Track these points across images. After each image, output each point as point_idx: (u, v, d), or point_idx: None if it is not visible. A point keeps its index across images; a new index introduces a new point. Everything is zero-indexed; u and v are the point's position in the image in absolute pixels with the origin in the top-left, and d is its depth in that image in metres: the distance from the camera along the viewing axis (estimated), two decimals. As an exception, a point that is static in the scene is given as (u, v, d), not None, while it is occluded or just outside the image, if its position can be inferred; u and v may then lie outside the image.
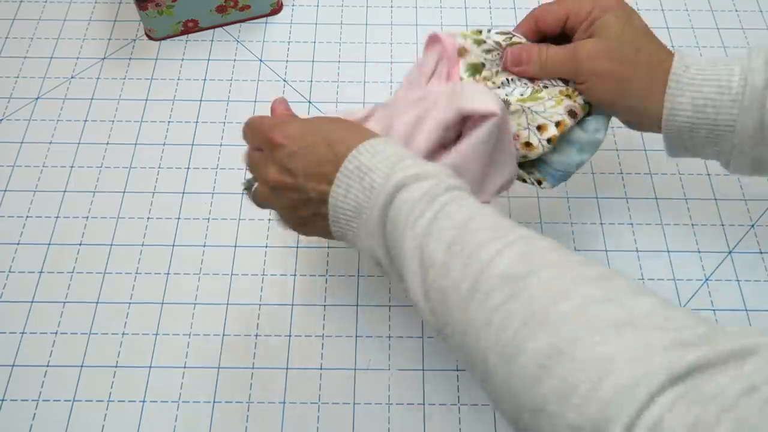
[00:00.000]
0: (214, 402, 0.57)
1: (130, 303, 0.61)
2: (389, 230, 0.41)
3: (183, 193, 0.68)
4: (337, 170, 0.43)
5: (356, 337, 0.60)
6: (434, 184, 0.40)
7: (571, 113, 0.50)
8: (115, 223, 0.66)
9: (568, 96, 0.50)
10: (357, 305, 0.61)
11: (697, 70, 0.47)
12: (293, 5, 0.81)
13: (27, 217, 0.66)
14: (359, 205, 0.42)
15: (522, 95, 0.51)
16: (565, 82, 0.51)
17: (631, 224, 0.66)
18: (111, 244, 0.64)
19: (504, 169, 0.50)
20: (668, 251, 0.64)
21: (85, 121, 0.72)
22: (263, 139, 0.47)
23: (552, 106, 0.50)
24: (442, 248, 0.38)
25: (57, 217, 0.66)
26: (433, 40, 0.56)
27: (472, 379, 0.58)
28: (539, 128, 0.50)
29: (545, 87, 0.51)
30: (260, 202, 0.50)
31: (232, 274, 0.63)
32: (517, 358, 0.33)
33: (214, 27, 0.79)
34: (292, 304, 0.61)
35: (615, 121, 0.54)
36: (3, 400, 0.57)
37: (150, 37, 0.78)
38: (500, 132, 0.48)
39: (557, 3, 0.52)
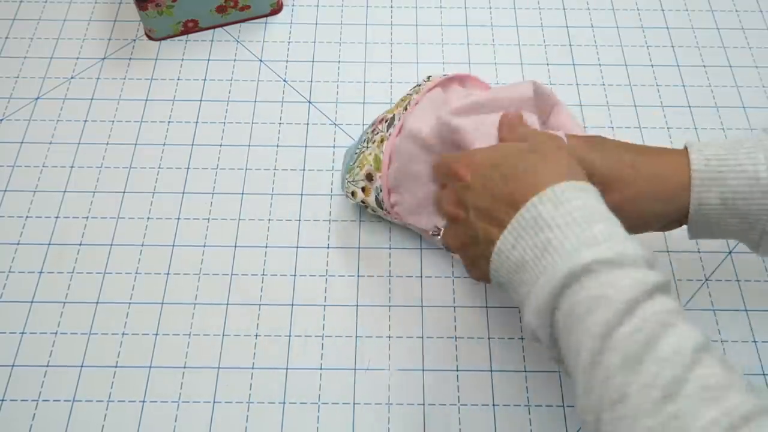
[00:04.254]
0: (214, 402, 0.57)
1: (130, 303, 0.61)
2: (562, 320, 0.36)
3: (183, 193, 0.68)
4: (512, 214, 0.38)
5: (356, 337, 0.60)
6: (635, 282, 0.34)
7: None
8: (115, 223, 0.66)
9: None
10: (357, 305, 0.61)
11: (718, 161, 0.44)
12: (293, 5, 0.81)
13: (27, 217, 0.66)
14: (525, 262, 0.38)
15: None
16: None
17: (631, 224, 0.66)
18: (111, 244, 0.64)
19: None
20: (668, 251, 0.64)
21: (85, 121, 0.72)
22: (448, 171, 0.45)
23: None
24: (639, 391, 0.32)
25: (57, 217, 0.66)
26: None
27: (472, 379, 0.58)
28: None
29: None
30: (444, 239, 0.47)
31: (232, 274, 0.63)
32: None
33: (214, 27, 0.79)
34: (292, 304, 0.61)
35: (614, 121, 0.54)
36: (3, 400, 0.57)
37: (150, 37, 0.78)
38: None
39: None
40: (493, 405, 0.57)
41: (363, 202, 0.61)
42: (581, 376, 0.34)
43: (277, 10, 0.81)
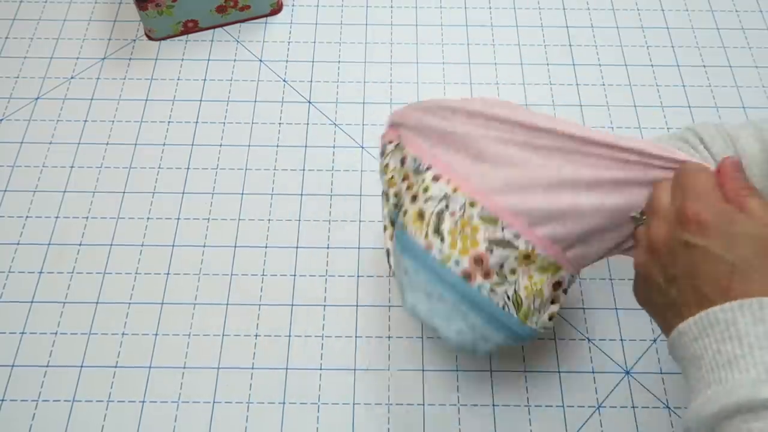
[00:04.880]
0: (214, 402, 0.57)
1: (130, 303, 0.61)
2: None
3: (183, 193, 0.68)
4: (716, 304, 0.36)
5: (356, 337, 0.60)
6: None
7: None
8: (115, 223, 0.66)
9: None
10: (357, 305, 0.61)
11: None
12: (293, 5, 0.81)
13: (27, 217, 0.66)
14: (701, 360, 0.36)
15: None
16: None
17: (631, 224, 0.66)
18: (111, 244, 0.64)
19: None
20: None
21: (85, 121, 0.72)
22: (679, 198, 0.41)
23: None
24: None
25: (57, 217, 0.66)
26: None
27: (472, 380, 0.58)
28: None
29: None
30: (636, 232, 0.44)
31: (232, 274, 0.63)
32: None
33: (214, 27, 0.79)
34: (292, 304, 0.61)
35: (614, 121, 0.54)
36: (3, 400, 0.57)
37: (150, 37, 0.78)
38: None
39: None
40: (493, 405, 0.57)
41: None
42: None
43: (277, 10, 0.81)
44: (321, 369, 0.58)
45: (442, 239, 0.44)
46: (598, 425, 0.56)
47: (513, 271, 0.45)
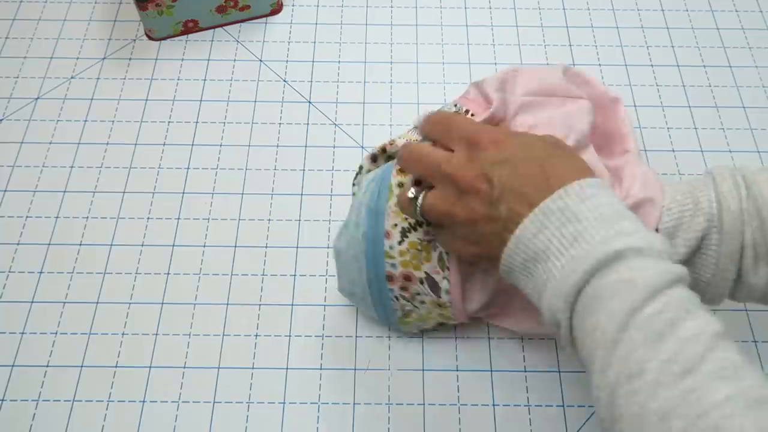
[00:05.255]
0: (214, 402, 0.57)
1: (130, 303, 0.61)
2: (584, 302, 0.37)
3: (183, 193, 0.68)
4: (544, 198, 0.39)
5: (356, 337, 0.60)
6: (661, 271, 0.36)
7: None
8: (115, 223, 0.66)
9: None
10: (357, 305, 0.61)
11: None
12: (293, 5, 0.81)
13: (27, 217, 0.66)
14: (548, 251, 0.38)
15: None
16: None
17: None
18: (111, 244, 0.64)
19: None
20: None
21: (85, 121, 0.72)
22: (461, 138, 0.43)
23: None
24: (659, 366, 0.33)
25: (57, 217, 0.66)
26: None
27: (472, 379, 0.58)
28: None
29: None
30: (426, 205, 0.44)
31: (232, 274, 0.63)
32: None
33: (214, 27, 0.79)
34: (292, 305, 0.61)
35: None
36: (3, 400, 0.57)
37: (150, 37, 0.78)
38: None
39: None
40: (493, 405, 0.57)
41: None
42: (600, 353, 0.36)
43: (277, 10, 0.81)
44: (321, 369, 0.58)
45: (400, 242, 0.49)
46: (598, 425, 0.56)
47: (423, 303, 0.51)
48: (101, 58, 0.77)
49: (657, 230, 0.46)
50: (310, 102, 0.74)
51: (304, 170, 0.69)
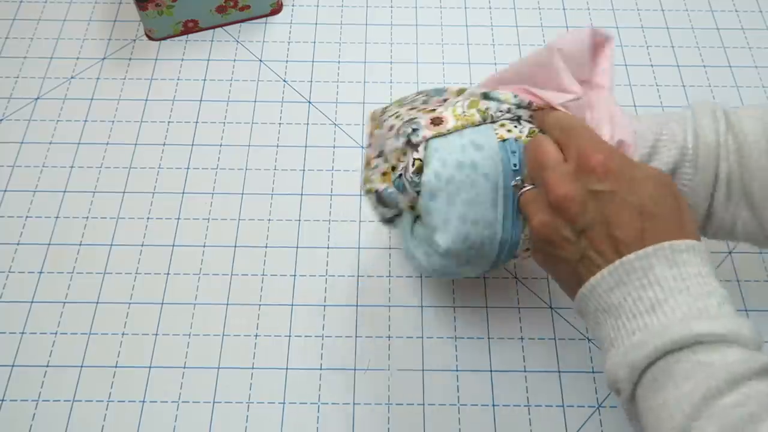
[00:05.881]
0: (214, 402, 0.57)
1: (130, 303, 0.61)
2: (653, 377, 0.34)
3: (183, 193, 0.68)
4: (631, 249, 0.36)
5: (356, 337, 0.60)
6: (744, 359, 0.33)
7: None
8: (115, 223, 0.66)
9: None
10: (357, 305, 0.61)
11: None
12: (293, 5, 0.81)
13: (27, 217, 0.66)
14: (620, 308, 0.36)
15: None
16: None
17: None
18: (111, 244, 0.64)
19: None
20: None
21: (85, 121, 0.72)
22: (576, 151, 0.40)
23: None
24: None
25: (57, 217, 0.66)
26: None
27: (472, 379, 0.58)
28: None
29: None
30: (521, 200, 0.43)
31: (232, 274, 0.63)
32: None
33: (214, 27, 0.79)
34: (292, 304, 0.61)
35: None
36: (3, 400, 0.57)
37: (150, 37, 0.78)
38: None
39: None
40: (493, 405, 0.57)
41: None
42: None
43: (277, 10, 0.81)
44: (321, 369, 0.58)
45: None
46: (598, 425, 0.56)
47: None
48: (101, 58, 0.77)
49: None
50: (310, 102, 0.74)
51: (304, 170, 0.69)
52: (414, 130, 0.47)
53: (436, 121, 0.47)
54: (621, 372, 0.36)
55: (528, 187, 0.44)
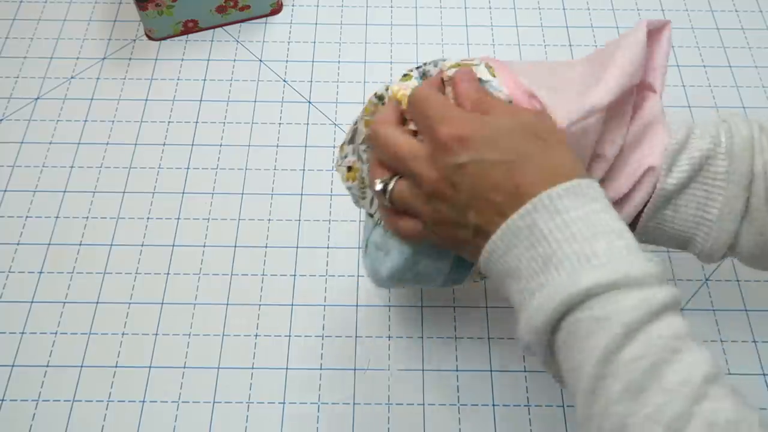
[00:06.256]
0: (214, 402, 0.57)
1: (130, 303, 0.61)
2: (563, 338, 0.34)
3: (183, 193, 0.68)
4: (516, 207, 0.35)
5: (356, 337, 0.60)
6: (639, 302, 0.32)
7: None
8: (115, 223, 0.66)
9: None
10: (357, 305, 0.61)
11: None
12: (293, 5, 0.81)
13: (27, 217, 0.66)
14: (519, 270, 0.36)
15: None
16: None
17: (631, 224, 0.66)
18: (111, 244, 0.64)
19: None
20: (668, 251, 0.64)
21: (85, 121, 0.72)
22: (428, 129, 0.39)
23: None
24: (643, 422, 0.30)
25: (57, 217, 0.66)
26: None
27: (472, 379, 0.58)
28: None
29: None
30: (395, 194, 0.41)
31: (232, 274, 0.63)
32: None
33: (214, 27, 0.79)
34: (292, 305, 0.61)
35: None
36: (3, 400, 0.57)
37: (150, 37, 0.78)
38: None
39: None
40: (493, 405, 0.57)
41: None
42: (580, 401, 0.33)
43: (277, 10, 0.81)
44: (321, 369, 0.58)
45: None
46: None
47: None
48: (101, 58, 0.77)
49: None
50: (310, 102, 0.74)
51: (304, 170, 0.69)
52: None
53: None
54: (529, 337, 0.35)
55: (393, 181, 0.41)
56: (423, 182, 0.39)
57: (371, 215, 0.48)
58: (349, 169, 0.50)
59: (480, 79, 0.44)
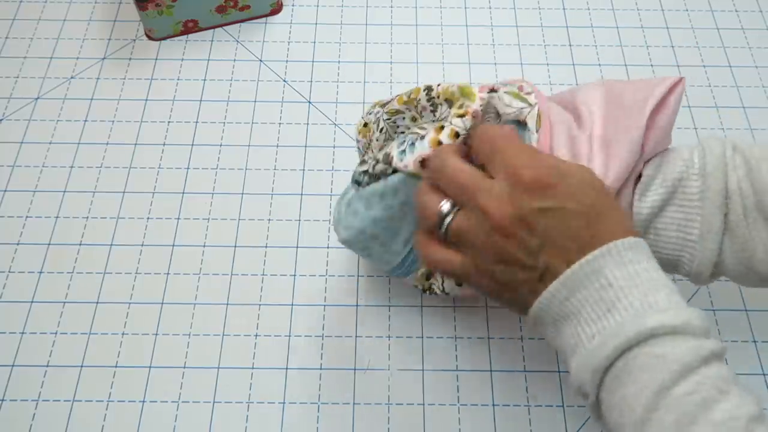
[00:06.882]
0: (214, 402, 0.57)
1: (130, 303, 0.61)
2: (612, 376, 0.36)
3: (183, 193, 0.68)
4: (584, 255, 0.37)
5: (356, 337, 0.60)
6: (693, 347, 0.34)
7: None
8: (115, 223, 0.66)
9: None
10: (357, 305, 0.61)
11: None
12: (293, 5, 0.81)
13: (27, 217, 0.66)
14: (578, 315, 0.37)
15: None
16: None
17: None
18: (111, 244, 0.64)
19: None
20: (668, 251, 0.64)
21: (85, 121, 0.72)
22: (505, 169, 0.39)
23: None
24: None
25: (57, 217, 0.66)
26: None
27: (472, 379, 0.58)
28: None
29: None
30: (454, 227, 0.40)
31: (232, 274, 0.63)
32: None
33: (214, 27, 0.79)
34: (292, 305, 0.61)
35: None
36: (3, 400, 0.57)
37: (150, 37, 0.78)
38: None
39: None
40: (493, 405, 0.57)
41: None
42: (630, 430, 0.34)
43: (277, 10, 0.81)
44: (321, 369, 0.58)
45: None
46: (597, 425, 0.56)
47: None
48: (101, 58, 0.77)
49: (639, 177, 0.46)
50: (310, 102, 0.74)
51: (304, 170, 0.69)
52: (411, 144, 0.46)
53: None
54: (585, 376, 0.36)
55: (453, 213, 0.41)
56: (492, 218, 0.38)
57: (366, 172, 0.49)
58: (365, 125, 0.54)
59: (519, 123, 0.46)
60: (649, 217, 0.45)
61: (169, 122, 0.72)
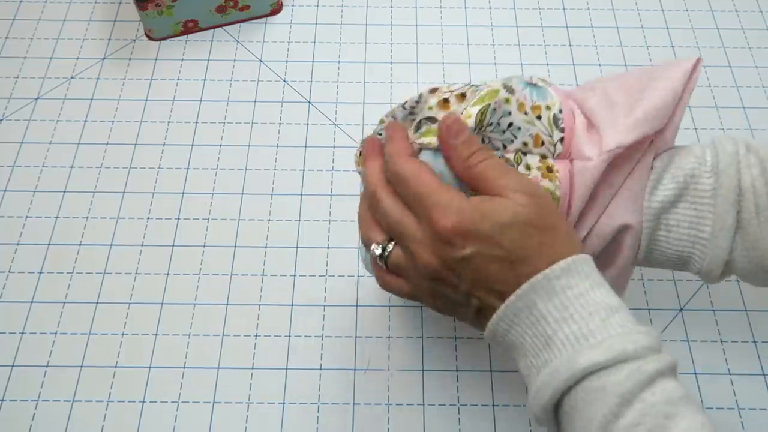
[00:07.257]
0: (213, 402, 0.57)
1: (130, 303, 0.61)
2: (565, 411, 0.36)
3: (183, 193, 0.68)
4: (514, 290, 0.37)
5: (356, 337, 0.60)
6: (631, 373, 0.34)
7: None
8: (115, 223, 0.66)
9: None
10: (357, 305, 0.61)
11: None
12: (293, 5, 0.81)
13: (27, 217, 0.66)
14: (523, 346, 0.38)
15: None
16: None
17: (631, 224, 0.66)
18: (111, 244, 0.64)
19: None
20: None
21: (85, 121, 0.72)
22: (423, 215, 0.39)
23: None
24: None
25: (57, 217, 0.66)
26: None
27: (472, 379, 0.58)
28: None
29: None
30: (393, 261, 0.41)
31: (231, 274, 0.63)
32: None
33: (213, 27, 0.79)
34: (292, 305, 0.61)
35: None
36: (3, 400, 0.57)
37: (150, 38, 0.78)
38: None
39: None
40: (493, 405, 0.57)
41: None
42: None
43: (277, 10, 0.81)
44: (321, 369, 0.58)
45: None
46: None
47: None
48: (101, 58, 0.77)
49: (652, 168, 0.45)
50: (310, 102, 0.74)
51: (303, 170, 0.69)
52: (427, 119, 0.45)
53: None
54: (537, 411, 0.37)
55: (390, 245, 0.42)
56: (422, 265, 0.39)
57: None
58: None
59: (536, 85, 0.45)
60: (659, 212, 0.45)
61: (169, 122, 0.72)
